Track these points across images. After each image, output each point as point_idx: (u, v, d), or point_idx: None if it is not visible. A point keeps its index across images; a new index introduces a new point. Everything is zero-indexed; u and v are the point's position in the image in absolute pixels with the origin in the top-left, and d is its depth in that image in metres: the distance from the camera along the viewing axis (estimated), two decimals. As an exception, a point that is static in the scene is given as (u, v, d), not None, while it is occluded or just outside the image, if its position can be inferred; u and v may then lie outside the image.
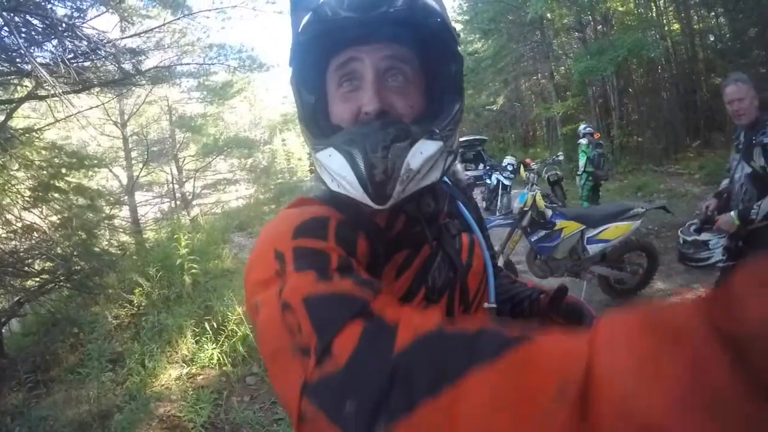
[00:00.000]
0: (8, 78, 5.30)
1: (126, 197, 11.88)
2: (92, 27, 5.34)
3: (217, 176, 18.41)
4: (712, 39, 15.72)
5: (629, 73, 17.84)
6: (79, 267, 5.72)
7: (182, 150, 16.07)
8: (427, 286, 0.87)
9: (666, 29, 16.07)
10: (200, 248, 7.95)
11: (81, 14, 5.40)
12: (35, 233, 5.67)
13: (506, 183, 9.82)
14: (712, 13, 14.93)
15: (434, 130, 0.78)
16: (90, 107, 8.11)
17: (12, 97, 5.89)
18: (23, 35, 4.44)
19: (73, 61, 4.90)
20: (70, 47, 4.91)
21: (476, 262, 0.99)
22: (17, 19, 4.41)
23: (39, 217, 5.82)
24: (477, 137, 12.84)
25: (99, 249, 6.22)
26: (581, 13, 17.08)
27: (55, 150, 6.40)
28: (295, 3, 0.80)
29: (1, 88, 5.63)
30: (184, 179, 16.55)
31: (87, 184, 7.50)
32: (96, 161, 9.00)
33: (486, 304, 0.99)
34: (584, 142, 9.06)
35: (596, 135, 15.04)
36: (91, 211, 6.60)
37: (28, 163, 5.74)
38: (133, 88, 8.90)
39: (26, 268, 5.44)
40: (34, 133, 6.06)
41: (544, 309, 1.11)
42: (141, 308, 6.00)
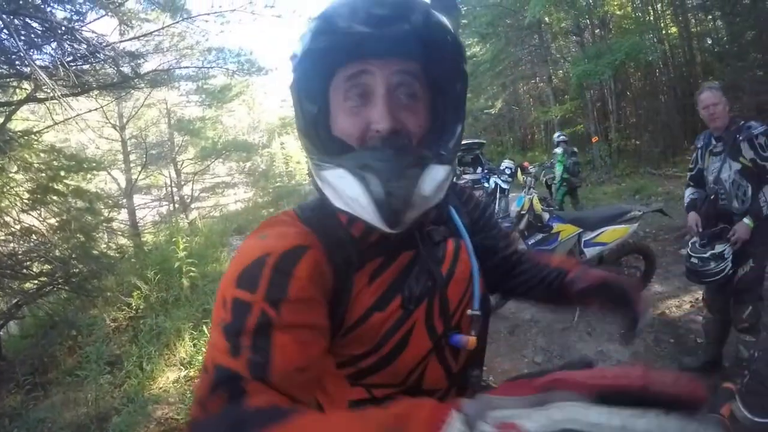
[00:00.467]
0: (7, 80, 5.32)
1: (124, 200, 11.89)
2: (91, 30, 5.36)
3: (216, 179, 18.44)
4: (710, 42, 15.75)
5: (627, 77, 17.88)
6: (78, 270, 5.73)
7: (181, 153, 16.08)
8: (403, 295, 0.88)
9: (663, 33, 16.11)
10: (198, 251, 7.95)
11: (80, 17, 5.42)
12: (34, 236, 5.68)
13: (504, 186, 9.80)
14: (710, 17, 14.96)
15: (443, 154, 0.80)
16: (89, 110, 8.12)
17: (11, 100, 5.90)
18: (23, 38, 4.45)
19: (72, 64, 4.91)
20: (70, 50, 4.92)
21: (461, 269, 0.99)
22: (17, 22, 4.42)
23: (37, 220, 5.83)
24: (475, 141, 12.82)
25: (97, 252, 6.23)
26: (579, 17, 17.10)
27: (54, 153, 6.42)
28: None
29: (0, 91, 5.64)
30: (183, 182, 16.56)
31: (86, 187, 7.52)
32: (95, 164, 9.02)
33: (469, 311, 0.98)
34: (559, 151, 9.22)
35: (594, 138, 15.12)
36: (90, 214, 6.61)
37: (27, 166, 5.75)
38: (132, 91, 8.90)
39: (24, 271, 5.45)
40: (33, 136, 6.07)
41: (581, 293, 1.09)
42: (139, 311, 5.99)
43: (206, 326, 5.11)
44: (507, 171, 10.02)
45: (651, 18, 16.34)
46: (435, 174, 0.77)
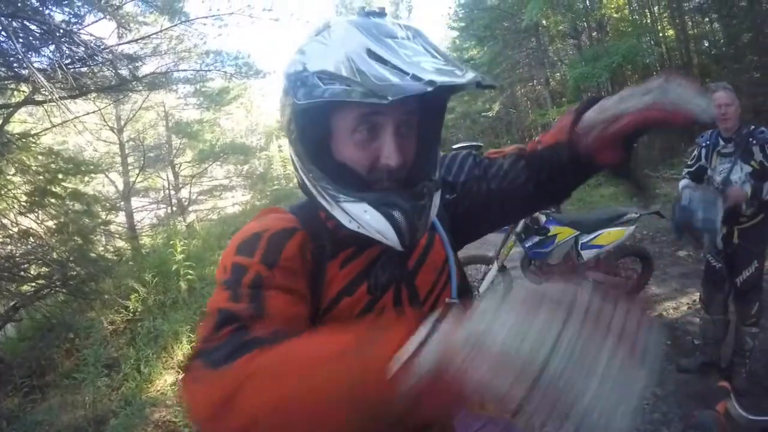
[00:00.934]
0: (5, 83, 5.31)
1: (122, 203, 11.88)
2: (90, 33, 5.38)
3: (214, 182, 18.43)
4: (707, 44, 15.77)
5: (624, 79, 17.89)
6: (75, 272, 5.71)
7: (178, 156, 16.08)
8: (369, 282, 0.96)
9: (661, 35, 16.15)
10: (196, 254, 7.95)
11: (78, 20, 5.43)
12: (31, 238, 5.68)
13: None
14: (707, 19, 14.98)
15: (438, 182, 0.95)
16: (87, 113, 8.12)
17: (9, 102, 5.90)
18: (21, 40, 4.46)
19: (70, 67, 4.91)
20: (68, 53, 4.93)
21: (432, 259, 1.06)
22: (15, 25, 4.43)
23: (35, 222, 5.82)
24: (473, 143, 12.87)
25: (95, 254, 6.22)
26: (576, 20, 17.15)
27: (52, 155, 6.41)
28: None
29: (-1, 93, 5.65)
30: (181, 185, 16.56)
31: (83, 190, 7.51)
32: (92, 167, 9.01)
33: (447, 299, 1.06)
34: None
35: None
36: (88, 217, 6.60)
37: (25, 168, 5.74)
38: (130, 94, 8.92)
39: (22, 273, 5.44)
40: (31, 138, 6.06)
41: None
42: (137, 314, 5.99)
43: (204, 329, 5.11)
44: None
45: (648, 21, 16.39)
46: (437, 200, 0.93)
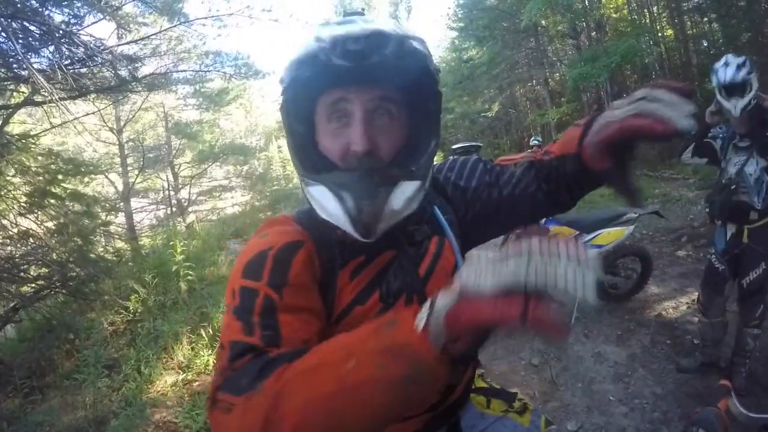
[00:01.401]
0: (5, 83, 5.32)
1: (122, 204, 11.88)
2: (89, 34, 5.37)
3: (213, 183, 18.44)
4: (706, 44, 15.81)
5: (623, 79, 17.94)
6: (75, 273, 5.71)
7: (178, 156, 16.08)
8: (381, 290, 0.96)
9: (660, 35, 16.17)
10: (196, 255, 7.94)
11: (78, 21, 5.44)
12: (31, 239, 5.67)
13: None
14: (705, 19, 15.03)
15: (413, 170, 0.89)
16: (86, 113, 8.13)
17: (8, 103, 5.90)
18: (20, 41, 4.46)
19: (70, 68, 4.92)
20: (67, 53, 4.93)
21: (442, 265, 1.05)
22: (15, 25, 4.43)
23: (35, 223, 5.82)
24: (472, 144, 12.81)
25: (95, 255, 6.21)
26: (575, 20, 17.18)
27: (52, 156, 6.41)
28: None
29: (-2, 94, 5.65)
30: (180, 186, 16.56)
31: (83, 191, 7.51)
32: (92, 168, 9.01)
33: None
34: None
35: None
36: (87, 218, 6.60)
37: (25, 169, 5.74)
38: (130, 95, 8.93)
39: (22, 274, 5.44)
40: (31, 139, 6.06)
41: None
42: (137, 315, 5.98)
43: (204, 330, 5.11)
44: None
45: (647, 20, 16.42)
46: (405, 190, 0.87)
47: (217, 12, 8.72)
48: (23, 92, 5.84)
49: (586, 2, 16.87)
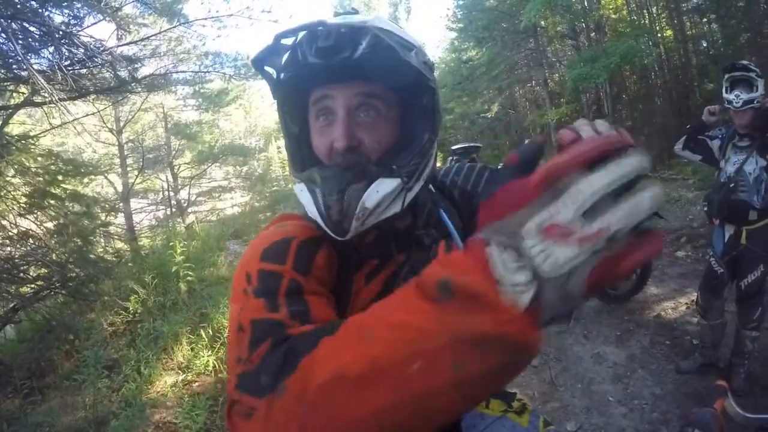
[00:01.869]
0: (4, 84, 5.32)
1: (121, 204, 11.87)
2: (89, 35, 5.37)
3: (213, 184, 18.44)
4: (705, 45, 15.78)
5: (623, 80, 17.93)
6: (75, 274, 5.71)
7: (177, 157, 16.08)
8: None
9: (659, 36, 16.16)
10: (195, 256, 7.95)
11: (78, 22, 5.43)
12: (31, 240, 5.67)
13: (501, 189, 9.80)
14: (705, 20, 14.99)
15: (393, 168, 0.85)
16: (86, 114, 8.14)
17: (8, 104, 5.90)
18: (20, 42, 4.46)
19: (70, 68, 4.92)
20: (67, 54, 4.93)
21: None
22: (14, 26, 4.43)
23: (34, 224, 5.82)
24: (471, 144, 12.83)
25: (94, 256, 6.21)
26: (575, 21, 17.17)
27: (52, 157, 6.40)
28: (262, 56, 0.86)
29: (-2, 95, 5.65)
30: (180, 186, 16.55)
31: (83, 191, 7.51)
32: (92, 168, 9.01)
33: None
34: None
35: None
36: (87, 218, 6.59)
37: (24, 170, 5.74)
38: (129, 96, 8.93)
39: (21, 275, 5.44)
40: (30, 140, 6.06)
41: None
42: (136, 315, 5.99)
43: (204, 330, 5.11)
44: (503, 174, 10.06)
45: (646, 21, 16.40)
46: (381, 187, 0.82)
47: (217, 13, 8.73)
48: (23, 93, 5.84)
49: (586, 3, 16.87)
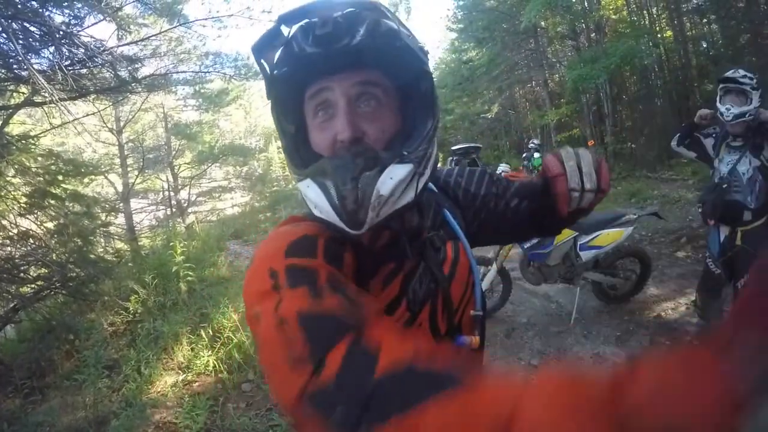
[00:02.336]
0: (5, 84, 5.32)
1: (121, 204, 11.88)
2: (89, 35, 5.38)
3: (213, 184, 18.46)
4: (705, 46, 15.79)
5: (623, 81, 17.94)
6: (75, 274, 5.72)
7: (178, 157, 16.10)
8: (408, 298, 0.92)
9: (659, 36, 16.16)
10: (196, 256, 7.95)
11: (78, 22, 5.44)
12: (31, 240, 5.68)
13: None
14: (705, 20, 15.01)
15: (404, 153, 0.82)
16: (86, 114, 8.13)
17: (8, 104, 5.91)
18: (21, 42, 4.46)
19: (70, 68, 4.92)
20: (68, 54, 4.93)
21: (461, 271, 1.03)
22: (15, 26, 4.44)
23: (35, 224, 5.82)
24: (472, 145, 12.90)
25: (95, 256, 6.22)
26: (575, 22, 17.19)
27: (52, 157, 6.41)
28: (261, 45, 0.82)
29: (-2, 94, 5.66)
30: (180, 187, 16.56)
31: (83, 191, 7.51)
32: (92, 168, 9.01)
33: (472, 312, 1.03)
34: (537, 156, 9.75)
35: (590, 142, 15.20)
36: (87, 218, 6.60)
37: (25, 170, 5.74)
38: (129, 96, 8.93)
39: (22, 275, 5.44)
40: (31, 140, 6.06)
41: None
42: (137, 315, 5.99)
43: (204, 330, 5.11)
44: (503, 175, 10.11)
45: (646, 22, 16.41)
46: (394, 173, 0.79)
47: (217, 13, 8.78)
48: (23, 93, 5.84)
49: (586, 3, 16.89)
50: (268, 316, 0.67)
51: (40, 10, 4.87)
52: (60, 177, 6.27)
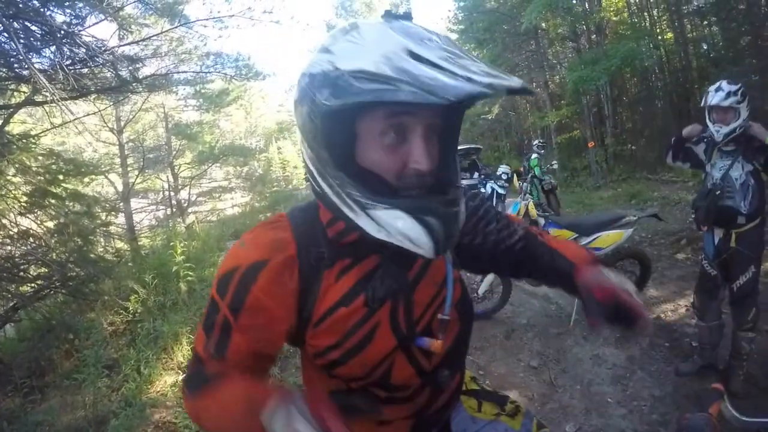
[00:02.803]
0: (6, 83, 5.33)
1: (122, 204, 11.89)
2: (91, 34, 5.38)
3: (213, 184, 18.46)
4: (705, 47, 15.77)
5: (623, 82, 17.95)
6: (75, 273, 5.72)
7: (178, 157, 16.09)
8: (367, 294, 0.95)
9: (659, 38, 16.16)
10: (196, 256, 7.95)
11: (80, 21, 5.45)
12: (31, 239, 5.68)
13: (501, 192, 9.83)
14: (705, 22, 14.99)
15: (463, 189, 0.96)
16: (87, 114, 8.14)
17: (9, 103, 5.91)
18: (22, 41, 4.47)
19: (71, 68, 4.93)
20: (69, 54, 4.94)
21: (432, 274, 1.06)
22: (16, 25, 4.44)
23: (35, 223, 5.83)
24: (472, 146, 12.84)
25: (95, 255, 6.21)
26: (575, 23, 17.19)
27: (52, 156, 6.41)
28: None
29: (-1, 93, 5.66)
30: (180, 187, 16.56)
31: (83, 191, 7.51)
32: (92, 168, 9.02)
33: (440, 316, 1.04)
34: (534, 157, 9.90)
35: (590, 143, 15.20)
36: (87, 218, 6.60)
37: (25, 169, 5.75)
38: (130, 95, 8.95)
39: (21, 274, 5.44)
40: (31, 139, 6.07)
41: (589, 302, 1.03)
42: (136, 315, 5.98)
43: (203, 330, 5.10)
44: (503, 176, 10.06)
45: (647, 24, 16.41)
46: (463, 207, 0.91)
47: (218, 13, 8.77)
48: (24, 92, 5.85)
49: (587, 5, 16.90)
50: (206, 316, 0.97)
51: (42, 10, 4.88)
52: (60, 176, 6.28)
